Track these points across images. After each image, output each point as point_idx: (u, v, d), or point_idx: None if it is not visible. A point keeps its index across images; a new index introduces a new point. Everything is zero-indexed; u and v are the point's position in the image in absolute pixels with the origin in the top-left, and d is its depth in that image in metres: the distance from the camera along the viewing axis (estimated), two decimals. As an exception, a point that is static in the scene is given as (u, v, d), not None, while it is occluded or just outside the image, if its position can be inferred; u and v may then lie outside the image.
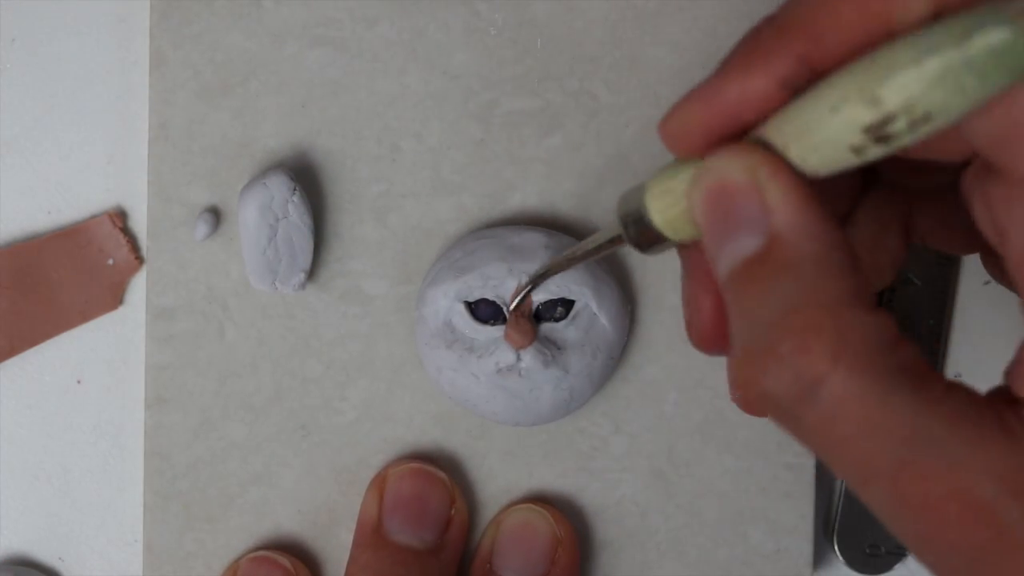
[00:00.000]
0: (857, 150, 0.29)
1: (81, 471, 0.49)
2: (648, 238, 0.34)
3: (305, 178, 0.47)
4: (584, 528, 0.48)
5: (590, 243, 0.37)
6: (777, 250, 0.30)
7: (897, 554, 0.49)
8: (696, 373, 0.48)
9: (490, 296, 0.45)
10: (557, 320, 0.46)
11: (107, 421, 0.49)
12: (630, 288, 0.48)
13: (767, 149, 0.30)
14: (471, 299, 0.46)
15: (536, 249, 0.46)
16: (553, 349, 0.46)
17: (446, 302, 0.46)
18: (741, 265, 0.30)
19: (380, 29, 0.47)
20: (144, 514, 0.47)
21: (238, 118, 0.47)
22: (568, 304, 0.46)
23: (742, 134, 0.31)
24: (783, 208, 0.30)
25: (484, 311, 0.46)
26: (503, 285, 0.45)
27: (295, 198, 0.46)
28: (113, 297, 0.49)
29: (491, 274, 0.45)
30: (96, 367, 0.49)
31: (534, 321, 0.46)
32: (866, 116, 0.28)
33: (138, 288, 0.49)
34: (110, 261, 0.48)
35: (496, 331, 0.45)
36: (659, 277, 0.48)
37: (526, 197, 0.48)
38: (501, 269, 0.45)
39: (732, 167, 0.30)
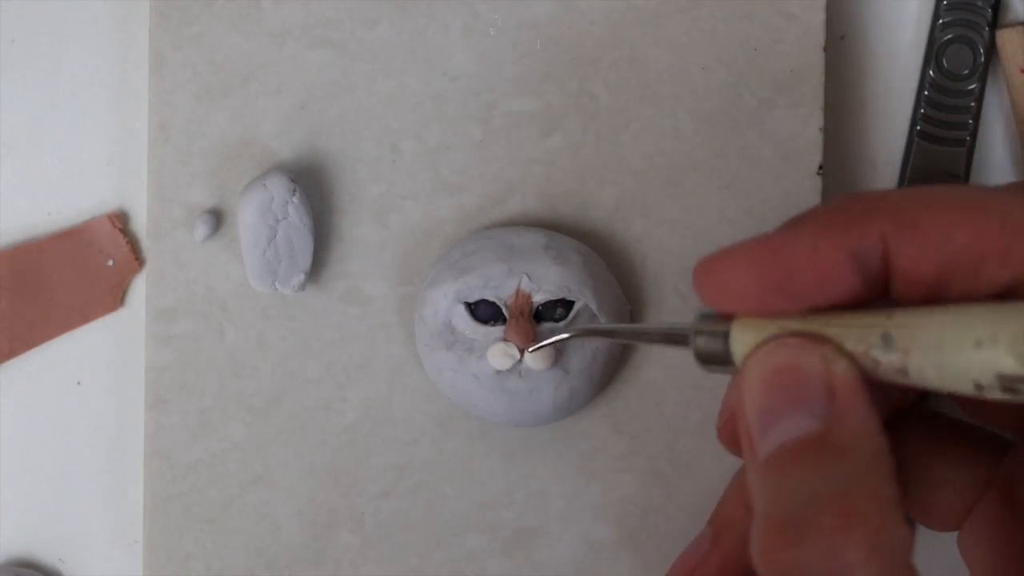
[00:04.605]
0: (979, 388, 0.28)
1: (81, 472, 0.49)
2: (714, 359, 0.33)
3: (305, 179, 0.47)
4: (584, 529, 0.48)
5: (649, 330, 0.37)
6: (836, 436, 0.30)
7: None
8: (696, 373, 0.48)
9: (490, 297, 0.45)
10: (557, 320, 0.46)
11: (107, 422, 0.49)
12: (630, 288, 0.48)
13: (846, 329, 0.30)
14: (471, 300, 0.46)
15: (536, 250, 0.46)
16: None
17: (446, 303, 0.46)
18: (792, 443, 0.30)
19: (380, 30, 0.47)
20: (144, 515, 0.47)
21: (238, 119, 0.47)
22: (568, 305, 0.46)
23: (793, 297, 0.31)
24: (851, 400, 0.30)
25: (484, 312, 0.46)
26: (503, 286, 0.45)
27: (295, 199, 0.46)
28: (113, 298, 0.49)
29: (491, 275, 0.45)
30: (96, 368, 0.49)
31: (534, 321, 0.46)
32: (1007, 367, 0.28)
33: (138, 289, 0.49)
34: (110, 262, 0.48)
35: (496, 332, 0.45)
36: (659, 277, 0.48)
37: (526, 198, 0.48)
38: (501, 270, 0.45)
39: (807, 350, 0.31)
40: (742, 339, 0.32)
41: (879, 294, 0.31)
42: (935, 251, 0.30)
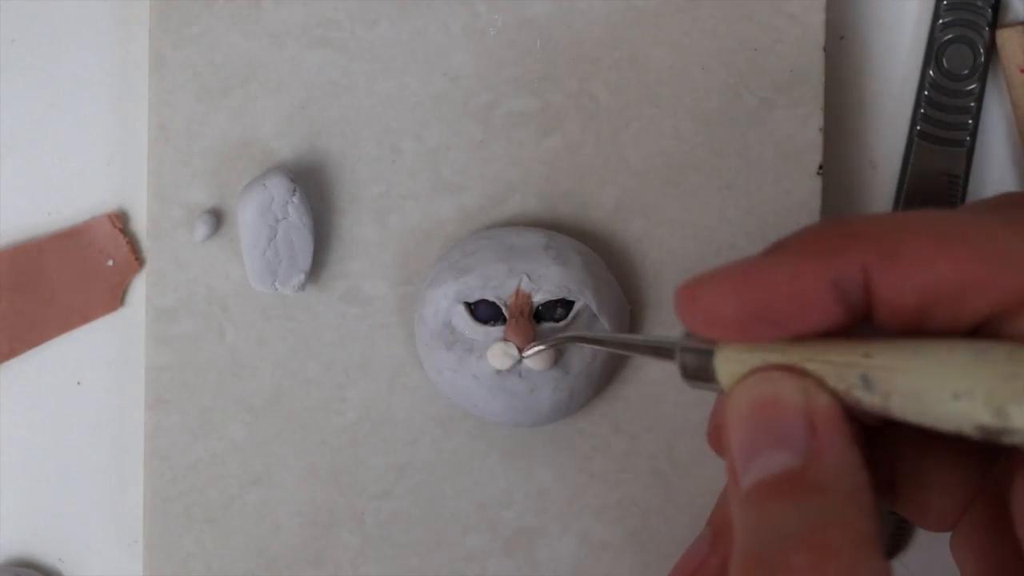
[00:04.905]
0: (961, 432, 0.28)
1: (81, 472, 0.49)
2: (698, 375, 0.33)
3: (305, 179, 0.47)
4: (584, 529, 0.48)
5: (636, 342, 0.37)
6: (813, 473, 0.30)
7: (890, 554, 0.49)
8: (696, 373, 0.48)
9: (490, 297, 0.45)
10: (557, 321, 0.46)
11: (107, 422, 0.49)
12: (630, 288, 0.48)
13: (831, 363, 0.30)
14: (471, 300, 0.46)
15: (536, 250, 0.46)
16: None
17: (446, 303, 0.46)
18: (771, 479, 0.30)
19: (380, 30, 0.47)
20: (144, 515, 0.47)
21: (238, 119, 0.47)
22: (568, 305, 0.46)
23: (775, 325, 0.31)
24: (831, 436, 0.30)
25: (484, 312, 0.46)
26: (503, 286, 0.45)
27: (295, 199, 0.46)
28: (113, 298, 0.49)
29: (491, 275, 0.45)
30: (96, 368, 0.49)
31: (534, 321, 0.46)
32: (986, 419, 0.28)
33: (138, 289, 0.49)
34: (110, 262, 0.48)
35: (496, 332, 0.45)
36: (659, 277, 0.48)
37: (526, 198, 0.48)
38: (501, 270, 0.45)
39: (788, 385, 0.30)
40: (726, 367, 0.32)
41: (862, 319, 0.31)
42: (916, 281, 0.29)
